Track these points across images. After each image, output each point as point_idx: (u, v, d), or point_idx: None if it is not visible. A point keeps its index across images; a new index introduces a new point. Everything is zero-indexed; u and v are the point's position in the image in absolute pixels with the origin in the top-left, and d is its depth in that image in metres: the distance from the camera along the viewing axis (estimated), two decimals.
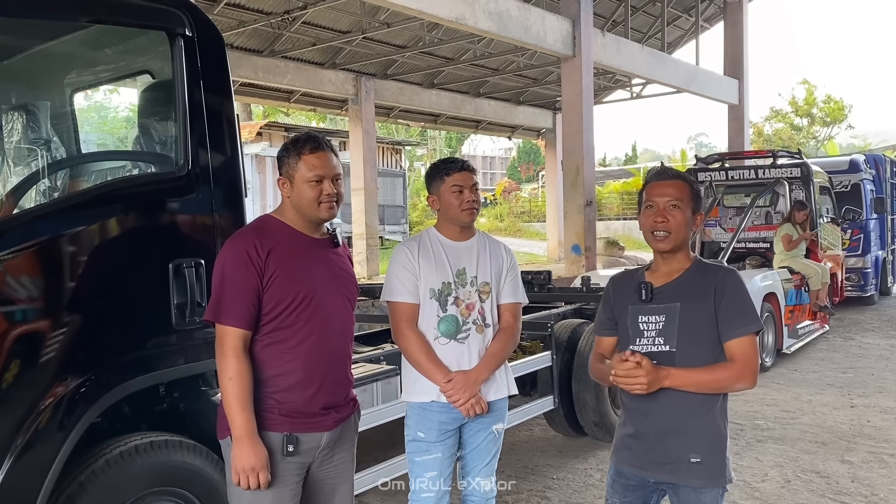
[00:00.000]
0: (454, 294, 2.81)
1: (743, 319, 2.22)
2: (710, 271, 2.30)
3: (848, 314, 11.33)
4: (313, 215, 2.37)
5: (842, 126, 39.54)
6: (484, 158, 61.80)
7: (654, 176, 2.35)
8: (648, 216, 2.28)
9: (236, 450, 2.22)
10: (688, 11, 18.69)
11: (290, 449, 2.30)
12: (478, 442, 2.87)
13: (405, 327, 2.81)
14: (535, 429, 5.61)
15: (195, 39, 2.77)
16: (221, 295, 2.27)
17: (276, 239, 2.34)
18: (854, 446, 5.22)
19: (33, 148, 3.12)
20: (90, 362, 2.42)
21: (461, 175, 2.84)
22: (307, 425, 2.34)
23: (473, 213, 2.86)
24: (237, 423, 2.22)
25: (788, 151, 10.49)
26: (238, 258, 2.27)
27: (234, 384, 2.23)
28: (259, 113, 29.79)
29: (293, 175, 2.35)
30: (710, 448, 2.24)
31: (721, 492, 2.28)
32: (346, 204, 20.03)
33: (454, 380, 2.74)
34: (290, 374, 2.32)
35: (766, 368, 7.77)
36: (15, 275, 2.27)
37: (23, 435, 2.22)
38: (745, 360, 2.20)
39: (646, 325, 2.27)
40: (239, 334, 2.25)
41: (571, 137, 12.68)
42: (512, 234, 30.54)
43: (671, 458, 2.24)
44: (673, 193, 2.26)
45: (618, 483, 2.38)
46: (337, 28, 14.87)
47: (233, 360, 2.24)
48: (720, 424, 2.27)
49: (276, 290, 2.28)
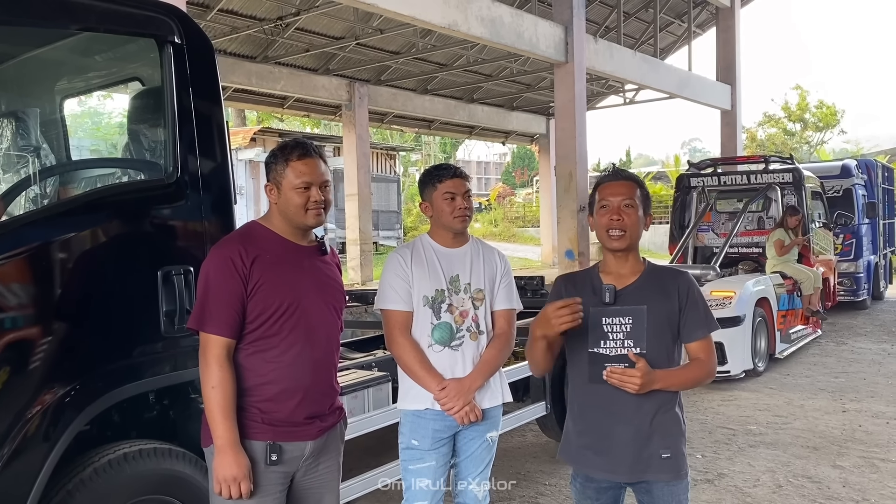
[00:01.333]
0: (448, 301, 2.80)
1: (705, 321, 2.34)
2: (667, 274, 2.41)
3: (840, 319, 11.37)
4: (300, 222, 2.36)
5: (834, 131, 39.68)
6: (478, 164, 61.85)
7: (607, 177, 2.40)
8: (603, 215, 2.32)
9: (218, 459, 2.21)
10: (680, 17, 18.74)
11: (274, 458, 2.28)
12: (472, 450, 2.85)
13: (398, 335, 2.80)
14: (528, 434, 5.61)
15: (184, 47, 2.77)
16: (205, 303, 2.25)
17: (262, 246, 2.32)
18: (846, 451, 5.23)
19: (23, 154, 3.12)
20: (79, 370, 2.41)
21: (453, 182, 2.84)
22: (291, 434, 2.32)
23: (465, 220, 2.85)
24: (219, 432, 2.21)
25: (781, 156, 10.52)
26: (223, 266, 2.26)
27: (217, 393, 2.21)
28: (253, 119, 29.76)
29: (281, 181, 2.34)
30: (676, 442, 2.32)
31: (687, 483, 2.36)
32: (339, 209, 20.02)
33: (448, 388, 2.73)
34: (274, 384, 2.30)
35: (759, 373, 7.79)
36: (3, 282, 2.26)
37: (10, 443, 2.21)
38: (709, 357, 2.33)
39: (611, 328, 2.26)
40: (222, 343, 2.24)
41: (565, 143, 12.70)
42: (506, 239, 30.55)
43: (643, 457, 2.28)
44: (626, 193, 2.32)
45: (589, 488, 2.39)
46: (330, 34, 14.87)
47: (216, 369, 2.22)
48: (682, 419, 2.36)
49: (260, 299, 2.27)
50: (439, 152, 45.62)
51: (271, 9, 13.52)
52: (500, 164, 59.95)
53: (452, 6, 10.04)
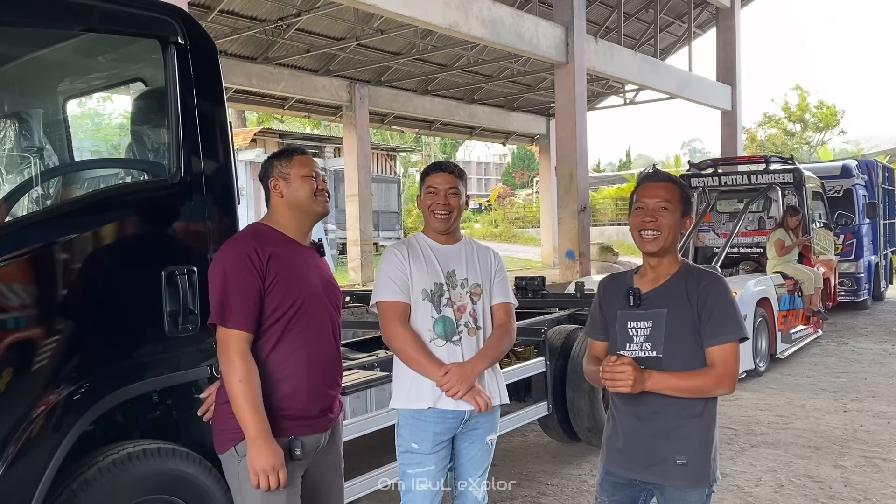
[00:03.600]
0: (447, 295, 2.76)
1: (725, 327, 2.21)
2: (697, 276, 2.29)
3: (841, 319, 11.37)
4: (311, 209, 2.44)
5: (834, 131, 39.71)
6: (478, 164, 61.85)
7: (646, 178, 2.35)
8: (637, 216, 2.28)
9: (253, 451, 2.22)
10: (680, 18, 18.76)
11: (298, 452, 2.32)
12: (472, 453, 2.82)
13: (397, 325, 2.71)
14: (530, 435, 5.61)
15: (188, 47, 2.78)
16: (225, 298, 2.27)
17: (274, 245, 2.37)
18: (847, 451, 5.24)
19: (26, 155, 3.12)
20: (83, 370, 2.41)
21: (437, 176, 2.78)
22: (309, 428, 2.38)
23: (445, 219, 2.77)
24: (251, 424, 2.22)
25: (781, 157, 10.52)
26: (240, 261, 2.29)
27: (245, 386, 2.23)
28: (253, 120, 29.77)
29: (288, 173, 2.42)
30: (696, 450, 2.25)
31: (706, 492, 2.29)
32: (340, 210, 20.02)
33: (450, 371, 2.66)
34: (290, 379, 2.34)
35: (760, 373, 7.79)
36: (7, 282, 2.26)
37: (15, 443, 2.21)
38: (725, 366, 2.20)
39: (634, 331, 2.28)
40: (243, 337, 2.27)
41: (565, 143, 12.72)
42: (506, 239, 30.56)
43: (658, 460, 2.27)
44: (663, 195, 2.27)
45: (606, 482, 2.41)
46: (331, 35, 14.89)
47: (240, 363, 2.24)
48: (708, 427, 2.28)
49: (276, 295, 2.31)
50: (439, 153, 45.65)
51: (272, 10, 13.54)
52: (500, 165, 59.94)
53: (453, 7, 10.05)
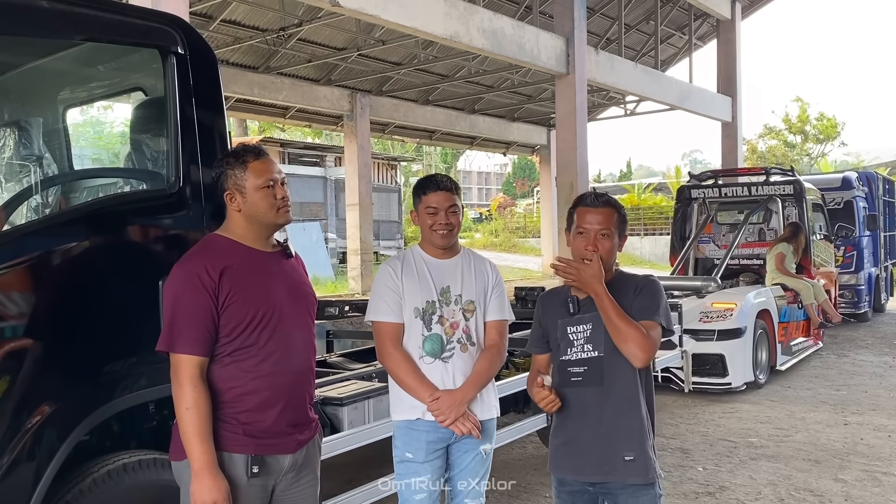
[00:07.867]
0: (439, 312, 2.77)
1: (650, 309, 2.38)
2: (631, 279, 2.48)
3: (841, 331, 11.34)
4: (272, 222, 2.35)
5: (835, 143, 39.81)
6: (479, 174, 62.00)
7: (587, 201, 2.48)
8: (580, 242, 2.43)
9: (196, 483, 2.15)
10: (681, 30, 18.81)
11: (255, 470, 2.24)
12: (466, 463, 2.82)
13: (390, 347, 2.78)
14: (529, 446, 5.59)
15: (188, 57, 2.78)
16: (174, 322, 2.20)
17: (228, 258, 2.27)
18: (848, 464, 5.21)
19: (25, 164, 3.12)
20: (78, 380, 2.40)
21: (436, 196, 2.78)
22: (272, 447, 2.29)
23: (446, 236, 2.79)
24: (196, 455, 2.15)
25: (781, 168, 10.53)
26: (188, 282, 2.20)
27: (192, 414, 2.16)
28: (255, 129, 29.85)
29: (243, 185, 2.31)
30: (640, 445, 2.38)
31: (657, 496, 2.40)
32: (340, 219, 20.04)
33: (440, 399, 2.70)
34: (254, 394, 2.26)
35: (760, 385, 7.77)
36: (4, 291, 2.25)
37: (9, 453, 2.20)
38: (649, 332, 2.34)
39: (574, 336, 2.43)
40: (195, 362, 2.18)
41: (565, 154, 12.73)
42: (507, 249, 30.58)
43: (607, 458, 2.37)
44: (603, 222, 2.42)
45: (562, 492, 2.49)
46: (332, 45, 14.94)
47: (189, 390, 2.17)
48: (644, 420, 2.41)
49: (233, 312, 2.23)
50: (440, 162, 45.72)
51: (274, 19, 13.59)
52: (500, 175, 60.07)
53: (454, 18, 10.08)
